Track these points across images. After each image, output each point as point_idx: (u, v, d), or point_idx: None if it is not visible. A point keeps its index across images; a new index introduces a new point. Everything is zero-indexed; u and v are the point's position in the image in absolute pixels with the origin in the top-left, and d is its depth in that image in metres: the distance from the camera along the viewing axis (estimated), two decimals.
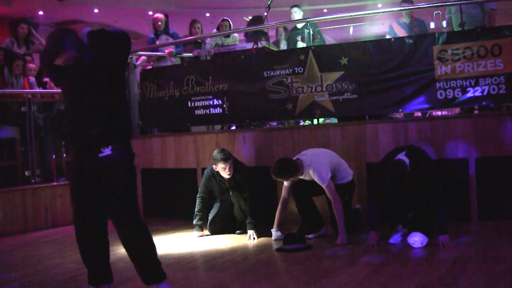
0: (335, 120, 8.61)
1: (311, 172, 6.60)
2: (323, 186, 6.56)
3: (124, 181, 4.32)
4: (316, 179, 6.59)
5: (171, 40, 10.85)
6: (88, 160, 4.25)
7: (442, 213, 5.91)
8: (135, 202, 4.39)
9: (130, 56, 10.13)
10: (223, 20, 10.92)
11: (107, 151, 4.20)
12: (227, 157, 7.18)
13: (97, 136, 4.21)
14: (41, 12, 16.87)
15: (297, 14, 10.60)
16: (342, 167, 6.92)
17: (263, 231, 7.16)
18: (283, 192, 6.91)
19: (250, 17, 10.89)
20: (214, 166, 7.27)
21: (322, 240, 6.76)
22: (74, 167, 4.41)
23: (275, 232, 6.86)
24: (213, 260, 6.07)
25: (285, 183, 6.83)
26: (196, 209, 7.47)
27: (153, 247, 4.44)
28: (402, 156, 6.12)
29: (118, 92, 4.38)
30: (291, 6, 10.72)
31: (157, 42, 10.83)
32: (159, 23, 11.04)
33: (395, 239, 6.21)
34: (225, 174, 7.25)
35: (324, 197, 6.88)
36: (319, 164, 6.61)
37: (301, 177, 6.70)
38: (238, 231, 7.41)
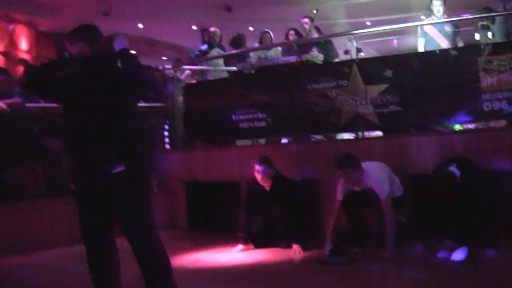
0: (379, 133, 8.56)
1: (371, 181, 6.58)
2: (381, 197, 6.53)
3: (135, 199, 4.16)
4: (375, 189, 6.57)
5: (222, 53, 10.96)
6: (96, 178, 4.11)
7: (491, 227, 5.84)
8: (149, 219, 4.24)
9: (175, 70, 10.26)
10: (264, 32, 10.98)
11: (116, 169, 4.05)
12: (262, 161, 7.25)
13: (105, 155, 4.06)
14: None
15: (308, 25, 10.51)
16: (394, 182, 6.88)
17: (307, 245, 7.14)
18: (335, 206, 6.87)
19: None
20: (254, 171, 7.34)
21: (367, 253, 6.71)
22: (80, 184, 4.26)
23: (328, 246, 6.79)
24: (258, 273, 6.08)
25: (338, 196, 6.79)
26: (240, 222, 7.49)
27: (169, 267, 4.30)
28: (453, 168, 6.08)
29: (127, 107, 4.24)
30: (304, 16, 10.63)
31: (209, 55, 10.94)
32: (215, 36, 11.17)
33: (442, 253, 6.14)
34: (259, 178, 7.30)
35: (371, 209, 6.87)
36: (379, 175, 6.61)
37: (357, 188, 6.68)
38: (283, 245, 7.38)
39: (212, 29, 11.42)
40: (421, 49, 9.35)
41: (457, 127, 8.09)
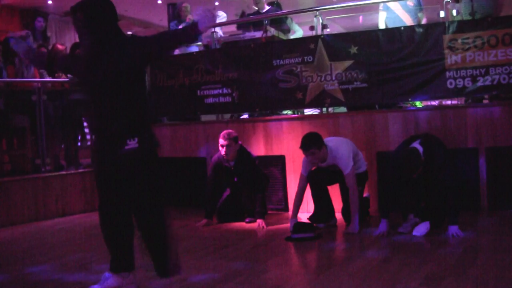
0: (344, 109, 8.59)
1: (335, 157, 6.62)
2: (345, 173, 6.57)
3: (151, 173, 4.30)
4: (339, 165, 6.61)
5: None
6: (113, 153, 4.20)
7: (454, 203, 5.91)
8: (162, 192, 4.38)
9: None
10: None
11: (132, 144, 4.15)
12: (227, 136, 7.26)
13: (121, 130, 4.17)
14: (50, 2, 16.86)
15: None
16: (358, 157, 6.92)
17: (272, 220, 7.16)
18: (300, 182, 6.89)
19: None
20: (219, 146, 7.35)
21: (332, 229, 6.77)
22: (100, 159, 4.35)
23: (292, 222, 6.73)
24: (223, 249, 6.07)
25: (303, 172, 6.82)
26: (205, 197, 7.50)
27: (172, 240, 4.46)
28: (416, 145, 6.12)
29: (140, 83, 4.34)
30: None
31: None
32: (186, 11, 11.03)
33: (405, 227, 6.21)
34: (223, 152, 7.30)
35: (336, 186, 6.92)
36: (343, 151, 6.64)
37: (322, 164, 6.71)
38: (247, 220, 7.40)
39: (183, 4, 11.25)
40: (381, 23, 9.35)
41: (418, 104, 8.16)
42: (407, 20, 9.06)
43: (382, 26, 9.22)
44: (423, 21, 9.18)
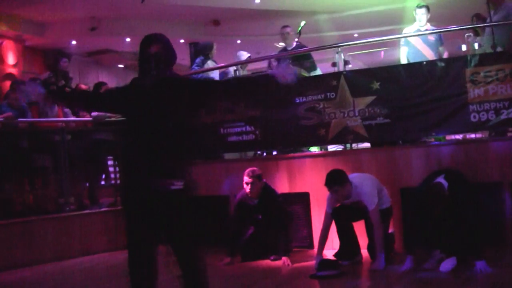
0: (367, 145, 8.56)
1: (359, 193, 6.58)
2: (369, 209, 6.53)
3: (193, 216, 4.22)
4: (364, 201, 6.57)
5: (217, 65, 10.81)
6: (155, 191, 4.04)
7: (478, 239, 5.83)
8: (199, 232, 4.31)
9: None
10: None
11: (178, 185, 4.04)
12: (251, 174, 7.26)
13: (170, 167, 4.05)
14: (74, 42, 17.11)
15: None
16: (383, 193, 6.87)
17: (296, 257, 7.10)
18: (325, 219, 6.86)
19: (281, 44, 10.79)
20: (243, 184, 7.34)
21: (357, 266, 6.70)
22: (135, 195, 4.15)
23: (317, 259, 6.65)
24: (247, 287, 6.03)
25: (328, 209, 6.78)
26: (229, 235, 7.46)
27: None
28: (441, 179, 6.08)
29: (191, 124, 4.27)
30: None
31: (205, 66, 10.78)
32: (212, 50, 11.01)
33: (431, 264, 6.13)
34: (247, 190, 7.30)
35: (362, 222, 6.86)
36: (367, 187, 6.62)
37: (346, 200, 6.66)
38: (271, 258, 7.34)
39: (211, 42, 11.22)
40: (403, 58, 9.34)
41: (441, 138, 8.09)
42: (428, 54, 9.05)
43: (403, 61, 9.22)
44: (444, 55, 9.17)
